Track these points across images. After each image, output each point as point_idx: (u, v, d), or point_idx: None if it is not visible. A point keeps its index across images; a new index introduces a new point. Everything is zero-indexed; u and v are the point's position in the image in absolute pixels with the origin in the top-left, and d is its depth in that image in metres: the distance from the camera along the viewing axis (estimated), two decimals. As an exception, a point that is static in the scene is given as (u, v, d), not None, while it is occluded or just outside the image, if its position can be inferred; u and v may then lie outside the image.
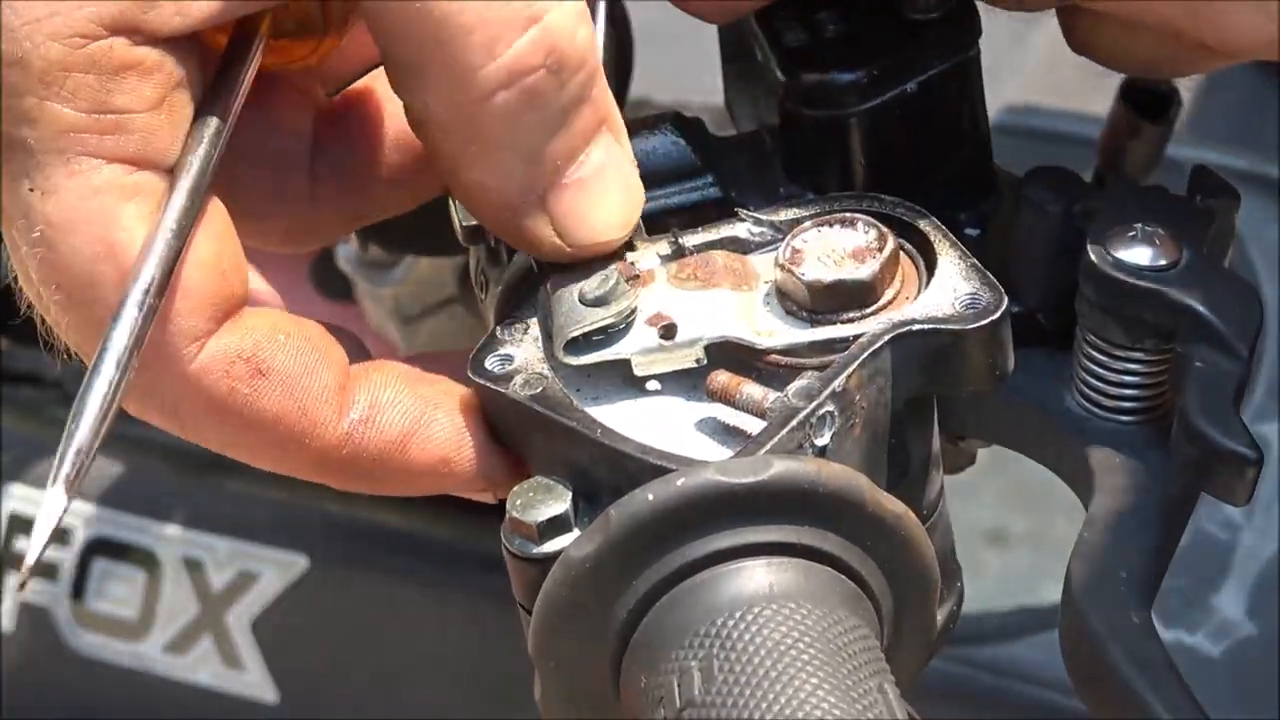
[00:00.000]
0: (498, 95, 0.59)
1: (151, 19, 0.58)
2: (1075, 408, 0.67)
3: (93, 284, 0.59)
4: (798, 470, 0.59)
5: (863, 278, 0.62)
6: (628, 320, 0.63)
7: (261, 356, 0.61)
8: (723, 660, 0.58)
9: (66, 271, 0.59)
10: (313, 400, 0.62)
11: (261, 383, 0.61)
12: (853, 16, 0.69)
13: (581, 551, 0.60)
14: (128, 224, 0.59)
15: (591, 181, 0.62)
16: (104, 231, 0.58)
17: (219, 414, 0.61)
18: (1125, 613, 0.61)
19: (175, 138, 0.59)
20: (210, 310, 0.60)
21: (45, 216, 0.58)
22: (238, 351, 0.61)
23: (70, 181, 0.58)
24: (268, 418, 0.61)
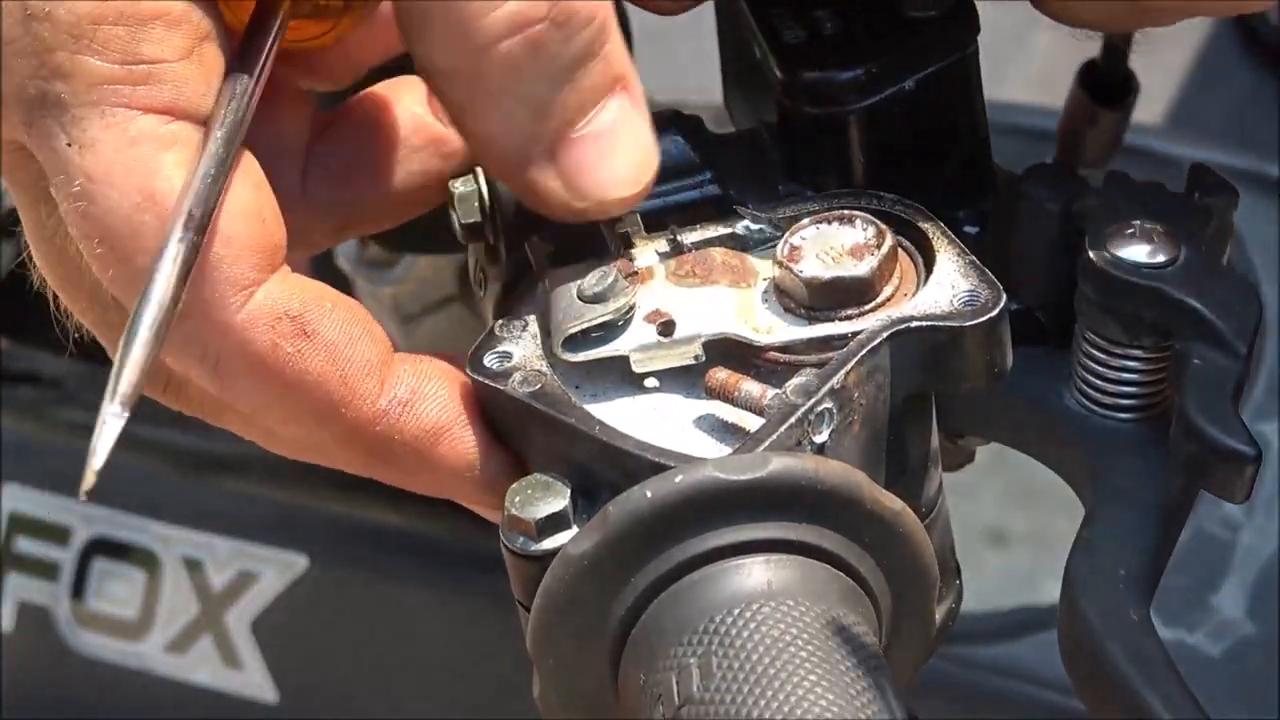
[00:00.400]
0: (501, 44, 0.60)
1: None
2: (1074, 405, 0.67)
3: (135, 234, 0.59)
4: (796, 467, 0.59)
5: (861, 275, 0.62)
6: (626, 317, 0.63)
7: (308, 317, 0.61)
8: (721, 657, 0.58)
9: (107, 224, 0.59)
10: (355, 370, 0.62)
11: (306, 344, 0.61)
12: (851, 14, 0.69)
13: (580, 548, 0.60)
14: (167, 173, 0.59)
15: (602, 138, 0.62)
16: (143, 181, 0.58)
17: (260, 370, 0.60)
18: (1124, 611, 0.61)
19: (208, 89, 0.60)
20: (255, 258, 0.60)
21: (84, 170, 0.58)
22: (285, 308, 0.60)
23: (107, 134, 0.58)
24: (309, 380, 0.61)
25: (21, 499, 1.21)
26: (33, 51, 0.58)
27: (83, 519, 1.20)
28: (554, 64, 0.61)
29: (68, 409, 1.25)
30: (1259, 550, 1.04)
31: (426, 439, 0.63)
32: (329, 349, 0.61)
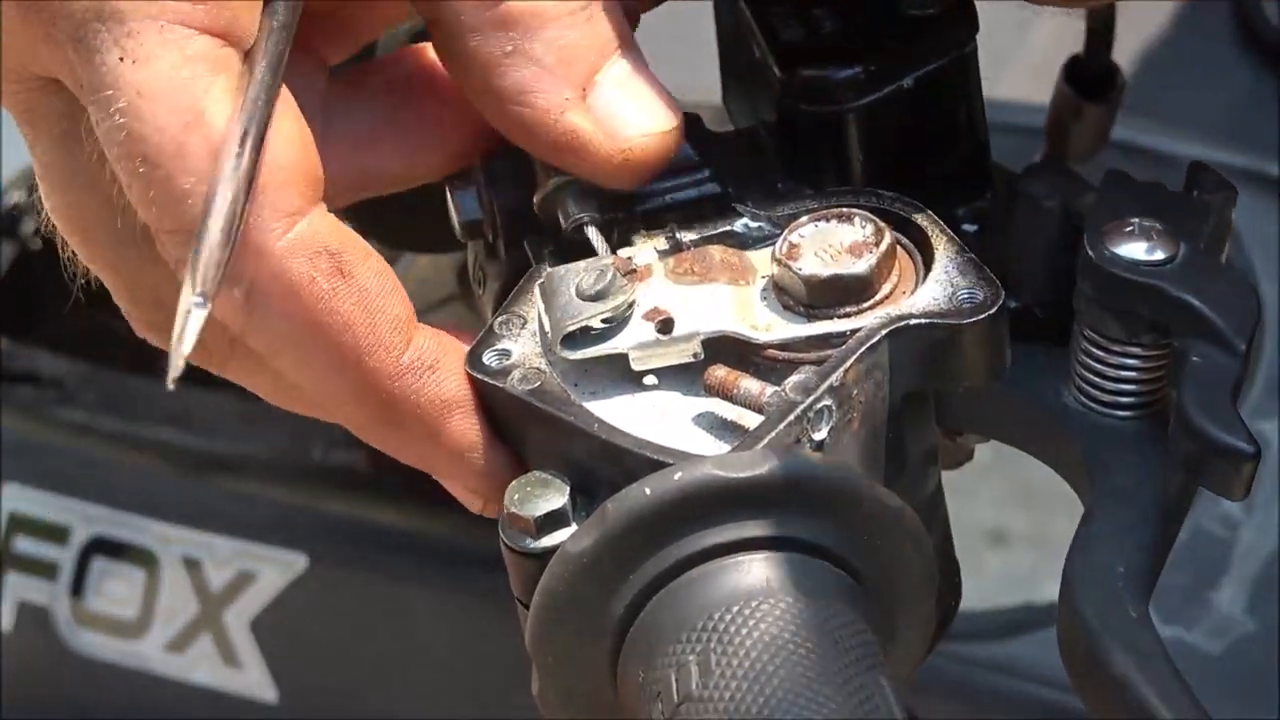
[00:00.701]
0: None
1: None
2: (1073, 403, 0.66)
3: (180, 153, 0.58)
4: (795, 465, 0.59)
5: (859, 273, 0.62)
6: (625, 315, 0.63)
7: (346, 258, 0.60)
8: (720, 654, 0.58)
9: (154, 141, 0.58)
10: (384, 321, 0.61)
11: (341, 283, 0.60)
12: (850, 12, 0.69)
13: (579, 546, 0.60)
14: (217, 95, 0.58)
15: (624, 82, 0.63)
16: (194, 101, 0.58)
17: (291, 303, 0.60)
18: (1122, 608, 0.61)
19: (253, 20, 0.60)
20: (301, 186, 0.60)
21: (136, 85, 0.58)
22: (325, 243, 0.60)
23: (164, 50, 0.58)
24: (338, 321, 0.60)
25: (21, 498, 1.21)
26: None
27: (82, 518, 1.20)
28: (571, 8, 0.62)
29: (67, 409, 1.25)
30: (1258, 547, 1.04)
31: (439, 409, 0.63)
32: (362, 294, 0.61)
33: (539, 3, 0.62)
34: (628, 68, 0.64)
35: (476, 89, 0.63)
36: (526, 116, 0.63)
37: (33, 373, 1.27)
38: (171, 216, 0.59)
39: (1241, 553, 1.04)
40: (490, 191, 0.70)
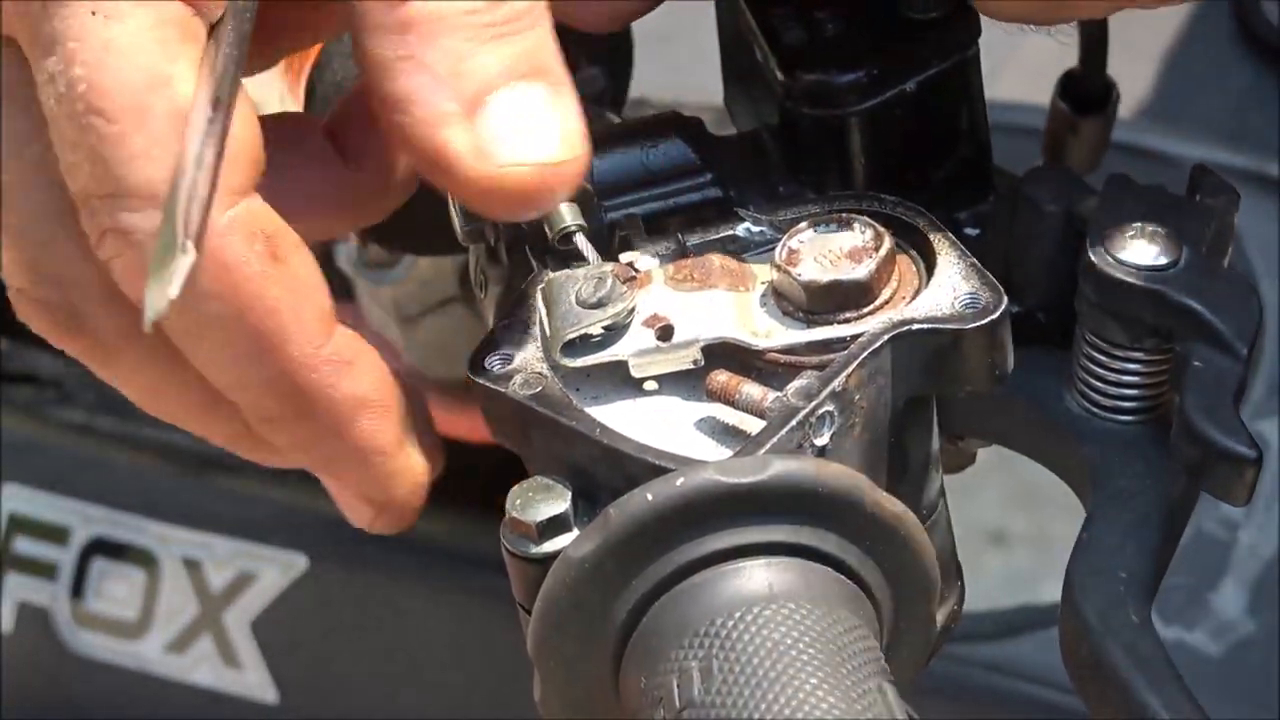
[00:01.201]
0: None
1: None
2: (1075, 407, 0.67)
3: (141, 113, 0.58)
4: (797, 470, 0.59)
5: (859, 278, 0.62)
6: (625, 322, 0.63)
7: (281, 244, 0.60)
8: (722, 660, 0.58)
9: (114, 98, 0.58)
10: (310, 311, 0.61)
11: (273, 268, 0.60)
12: (852, 16, 0.69)
13: (581, 551, 0.60)
14: (184, 63, 0.58)
15: (522, 105, 0.60)
16: (161, 64, 0.58)
17: (220, 281, 0.59)
18: (1124, 612, 0.61)
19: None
20: (247, 167, 0.59)
21: (104, 40, 0.57)
22: (262, 225, 0.59)
23: (136, 9, 0.58)
24: (265, 305, 0.60)
25: (20, 499, 1.21)
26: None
27: (82, 519, 1.19)
28: (478, 22, 0.59)
29: (67, 409, 1.24)
30: (1259, 549, 1.04)
31: (352, 405, 0.62)
32: (293, 280, 0.60)
33: (446, 8, 0.59)
34: (533, 94, 0.60)
35: (373, 95, 0.61)
36: (405, 125, 0.60)
37: (32, 373, 1.27)
38: (114, 179, 0.58)
39: (1242, 555, 1.04)
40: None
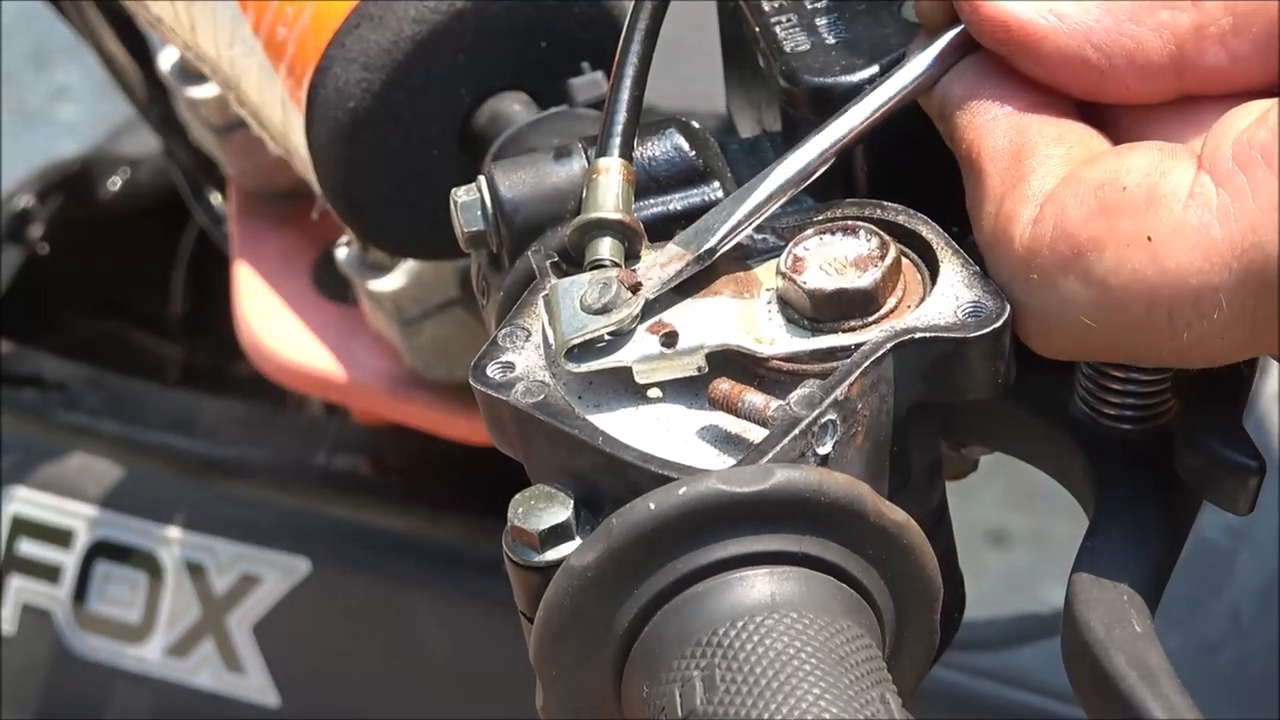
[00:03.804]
0: None
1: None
2: (1078, 415, 0.66)
3: None
4: (800, 479, 0.59)
5: (864, 286, 0.62)
6: (629, 328, 0.63)
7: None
8: (725, 670, 0.58)
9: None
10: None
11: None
12: (856, 21, 0.69)
13: (583, 560, 0.59)
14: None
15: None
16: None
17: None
18: (1127, 621, 0.61)
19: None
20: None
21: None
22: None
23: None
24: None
25: (24, 501, 1.21)
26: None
27: (85, 522, 1.19)
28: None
29: (71, 412, 1.25)
30: (1262, 558, 1.04)
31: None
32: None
33: None
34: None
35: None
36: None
37: (38, 376, 1.27)
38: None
39: (1244, 562, 1.04)
40: (495, 201, 0.70)
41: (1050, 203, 0.60)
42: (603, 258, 0.64)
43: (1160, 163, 0.59)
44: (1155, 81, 0.61)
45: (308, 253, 1.12)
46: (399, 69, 0.80)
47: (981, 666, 1.04)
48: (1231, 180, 0.57)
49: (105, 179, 1.38)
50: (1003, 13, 0.62)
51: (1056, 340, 0.62)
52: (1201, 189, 0.58)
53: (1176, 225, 0.58)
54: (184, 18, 0.89)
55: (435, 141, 0.81)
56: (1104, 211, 0.59)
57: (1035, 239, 0.60)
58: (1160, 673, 0.60)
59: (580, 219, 0.65)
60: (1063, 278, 0.60)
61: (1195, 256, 0.58)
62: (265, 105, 0.86)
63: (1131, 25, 0.61)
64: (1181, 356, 0.60)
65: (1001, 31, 0.62)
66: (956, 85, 0.63)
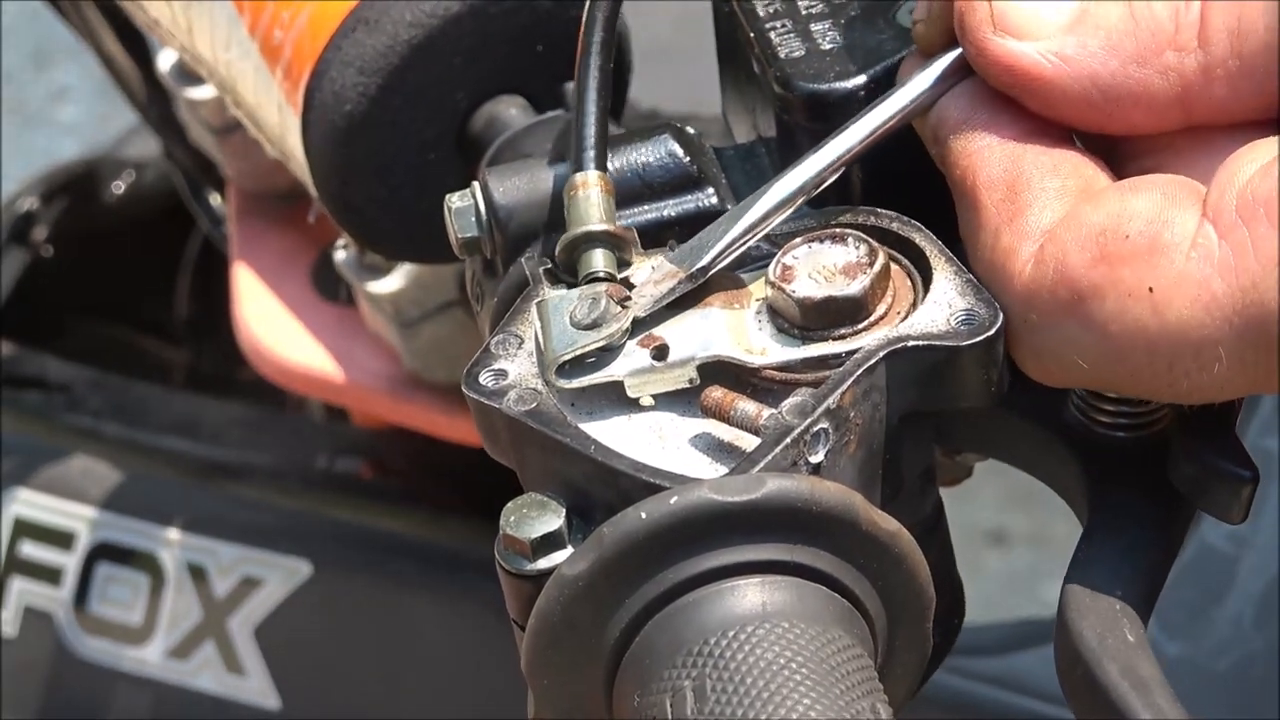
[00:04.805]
0: None
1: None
2: (1073, 423, 0.66)
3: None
4: (791, 489, 0.59)
5: (853, 294, 0.62)
6: (619, 342, 0.62)
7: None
8: (715, 680, 0.57)
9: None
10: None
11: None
12: (850, 28, 0.68)
13: (574, 570, 0.59)
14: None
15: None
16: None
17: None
18: (1120, 631, 0.61)
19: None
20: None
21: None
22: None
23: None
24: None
25: (26, 503, 1.21)
26: None
27: (87, 524, 1.19)
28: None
29: (74, 414, 1.25)
30: (1264, 564, 1.03)
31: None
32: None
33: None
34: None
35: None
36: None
37: (41, 378, 1.27)
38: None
39: (1247, 569, 1.03)
40: (489, 207, 0.70)
41: (1051, 243, 0.60)
42: (597, 270, 0.64)
43: (1163, 210, 0.59)
44: (1161, 119, 0.61)
45: (307, 254, 1.12)
46: (395, 73, 0.79)
47: (981, 671, 1.03)
48: (1234, 233, 0.57)
49: (110, 182, 1.38)
50: (1009, 55, 0.61)
51: (1053, 373, 0.62)
52: (1205, 240, 0.57)
53: (1178, 277, 0.58)
54: (181, 20, 0.88)
55: (431, 145, 0.81)
56: (1105, 259, 0.59)
57: (1035, 280, 0.60)
58: (1153, 682, 0.59)
59: (568, 236, 0.65)
60: (1063, 321, 0.60)
61: (1197, 310, 0.57)
62: (262, 108, 0.86)
63: (1137, 68, 0.60)
64: (1179, 398, 0.60)
65: (1006, 75, 0.61)
66: (952, 109, 0.63)
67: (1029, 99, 0.62)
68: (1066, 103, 0.61)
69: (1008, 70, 0.61)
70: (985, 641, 1.04)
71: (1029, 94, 0.61)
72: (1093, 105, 0.61)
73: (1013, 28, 0.61)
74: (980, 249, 0.62)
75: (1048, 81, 0.61)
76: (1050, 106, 0.61)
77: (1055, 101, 0.61)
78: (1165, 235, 0.58)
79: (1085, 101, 0.61)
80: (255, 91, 0.85)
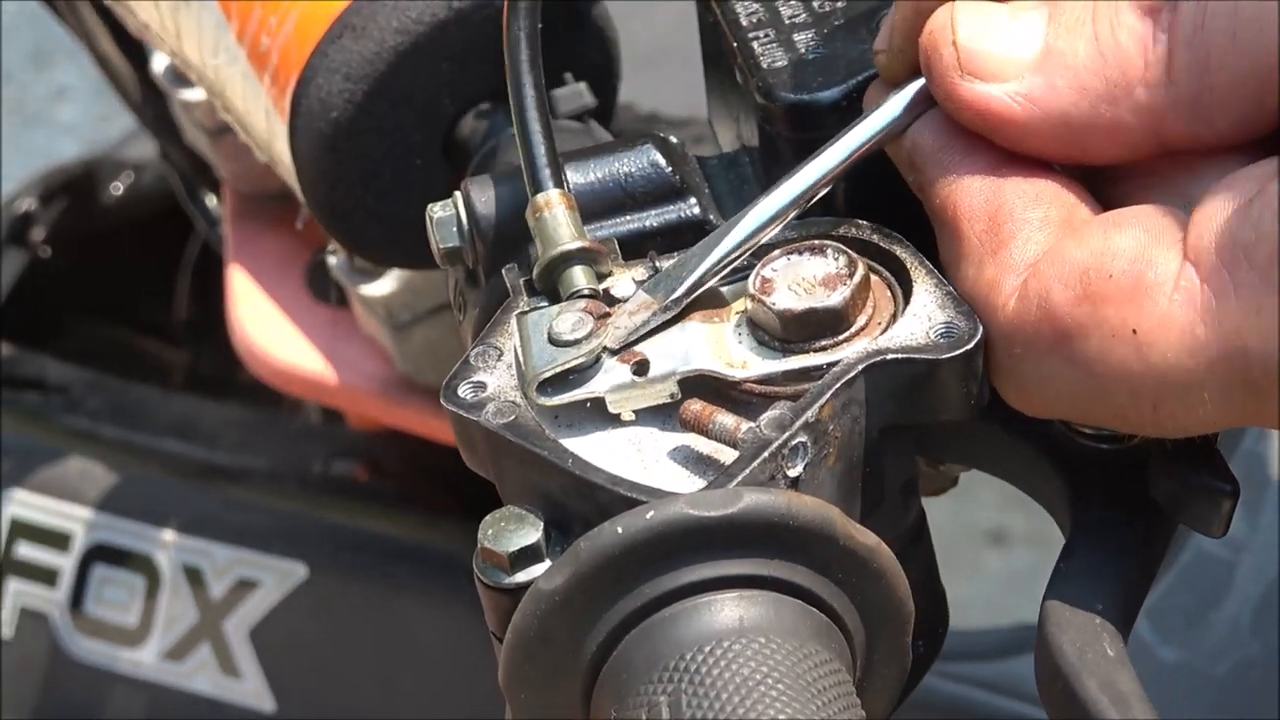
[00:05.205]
0: None
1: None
2: (1055, 435, 0.66)
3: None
4: (768, 503, 0.58)
5: (833, 305, 0.61)
6: (598, 358, 0.62)
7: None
8: (690, 695, 0.57)
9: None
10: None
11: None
12: (833, 38, 0.68)
13: (551, 584, 0.59)
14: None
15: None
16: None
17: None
18: (1100, 646, 0.60)
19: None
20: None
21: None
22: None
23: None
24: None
25: (22, 504, 1.21)
26: None
27: (83, 525, 1.19)
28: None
29: (71, 416, 1.25)
30: (1261, 568, 1.03)
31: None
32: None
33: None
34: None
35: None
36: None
37: (38, 379, 1.27)
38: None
39: (1244, 574, 1.03)
40: (471, 218, 0.70)
41: (1035, 279, 0.59)
42: (580, 288, 0.64)
43: (1146, 249, 0.58)
44: (1135, 151, 0.60)
45: (301, 256, 1.12)
46: (381, 79, 0.79)
47: (976, 676, 1.03)
48: (1216, 277, 0.56)
49: (108, 183, 1.39)
50: (979, 99, 0.61)
51: (1036, 405, 0.61)
52: (1187, 282, 0.57)
53: (1162, 319, 0.57)
54: (170, 25, 0.88)
55: (418, 151, 0.81)
56: (1089, 298, 0.58)
57: (1019, 315, 0.60)
58: (1132, 697, 0.59)
59: (543, 260, 0.65)
60: (1046, 358, 0.59)
61: (1181, 354, 0.57)
62: (250, 114, 0.85)
63: (1108, 106, 0.60)
64: (1164, 433, 0.60)
65: (978, 118, 0.61)
66: (927, 137, 0.63)
67: (1001, 140, 0.61)
68: (1039, 141, 0.61)
69: (979, 115, 0.61)
70: (980, 646, 1.03)
71: (1001, 136, 0.61)
72: (1065, 143, 0.60)
73: (980, 70, 0.61)
74: (963, 280, 0.61)
75: (1019, 124, 0.60)
76: (1022, 144, 0.61)
77: (1027, 140, 0.61)
78: (1149, 275, 0.58)
79: (1057, 140, 0.60)
80: (243, 97, 0.85)
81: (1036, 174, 0.61)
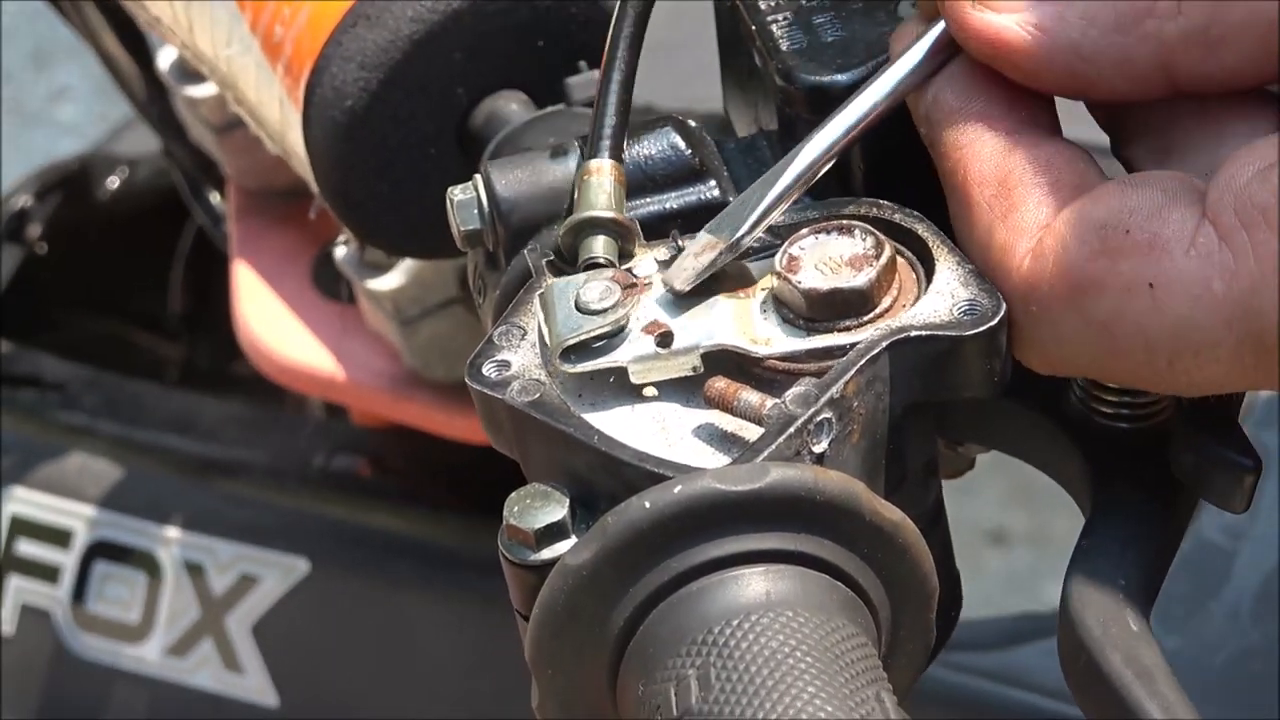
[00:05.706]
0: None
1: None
2: (1074, 414, 0.66)
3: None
4: (795, 478, 0.59)
5: (859, 286, 0.62)
6: (624, 328, 0.63)
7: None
8: (720, 668, 0.57)
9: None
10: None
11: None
12: (852, 20, 0.68)
13: (578, 559, 0.59)
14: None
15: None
16: None
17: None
18: (1124, 620, 0.61)
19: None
20: None
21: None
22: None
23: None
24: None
25: (23, 502, 1.21)
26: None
27: (84, 522, 1.19)
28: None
29: (70, 412, 1.25)
30: (1261, 558, 1.04)
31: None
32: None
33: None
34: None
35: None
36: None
37: (36, 376, 1.27)
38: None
39: (1244, 563, 1.04)
40: (491, 200, 0.70)
41: (1050, 236, 0.60)
42: (597, 256, 0.64)
43: (1164, 207, 0.59)
44: (1145, 86, 0.61)
45: (307, 252, 1.12)
46: (396, 68, 0.79)
47: (981, 666, 1.03)
48: (1234, 236, 0.57)
49: (104, 178, 1.39)
50: (988, 27, 0.62)
51: (1051, 363, 0.62)
52: (1205, 239, 0.58)
53: (1178, 275, 0.58)
54: (182, 18, 0.89)
55: (432, 140, 0.81)
56: (1106, 253, 0.59)
57: (1034, 273, 0.60)
58: (1156, 671, 0.60)
59: (572, 219, 0.65)
60: (1062, 315, 0.60)
61: (1196, 310, 0.58)
62: (263, 105, 0.86)
63: (1117, 36, 0.60)
64: (1179, 390, 0.60)
65: (987, 47, 0.62)
66: (947, 95, 0.63)
67: (1011, 71, 0.62)
68: (1048, 72, 0.61)
69: (989, 43, 0.61)
70: (984, 636, 1.04)
71: (1010, 66, 0.62)
72: (1074, 74, 0.61)
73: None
74: (974, 245, 0.62)
75: (1028, 53, 0.61)
76: (1032, 77, 0.62)
77: (1037, 71, 0.61)
78: (1166, 232, 0.58)
79: (1067, 71, 0.61)
80: (256, 88, 0.86)
81: (1049, 141, 0.62)
